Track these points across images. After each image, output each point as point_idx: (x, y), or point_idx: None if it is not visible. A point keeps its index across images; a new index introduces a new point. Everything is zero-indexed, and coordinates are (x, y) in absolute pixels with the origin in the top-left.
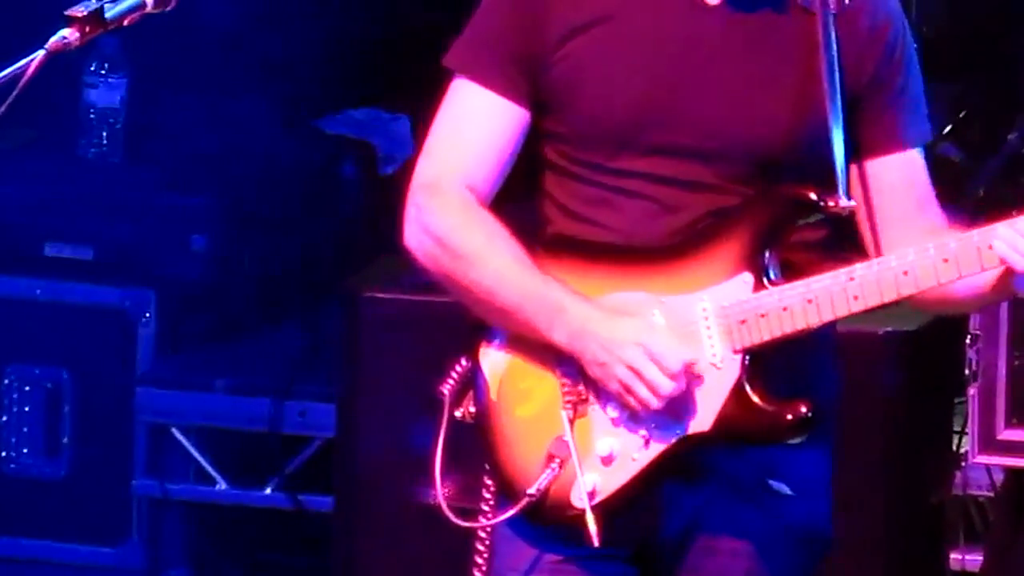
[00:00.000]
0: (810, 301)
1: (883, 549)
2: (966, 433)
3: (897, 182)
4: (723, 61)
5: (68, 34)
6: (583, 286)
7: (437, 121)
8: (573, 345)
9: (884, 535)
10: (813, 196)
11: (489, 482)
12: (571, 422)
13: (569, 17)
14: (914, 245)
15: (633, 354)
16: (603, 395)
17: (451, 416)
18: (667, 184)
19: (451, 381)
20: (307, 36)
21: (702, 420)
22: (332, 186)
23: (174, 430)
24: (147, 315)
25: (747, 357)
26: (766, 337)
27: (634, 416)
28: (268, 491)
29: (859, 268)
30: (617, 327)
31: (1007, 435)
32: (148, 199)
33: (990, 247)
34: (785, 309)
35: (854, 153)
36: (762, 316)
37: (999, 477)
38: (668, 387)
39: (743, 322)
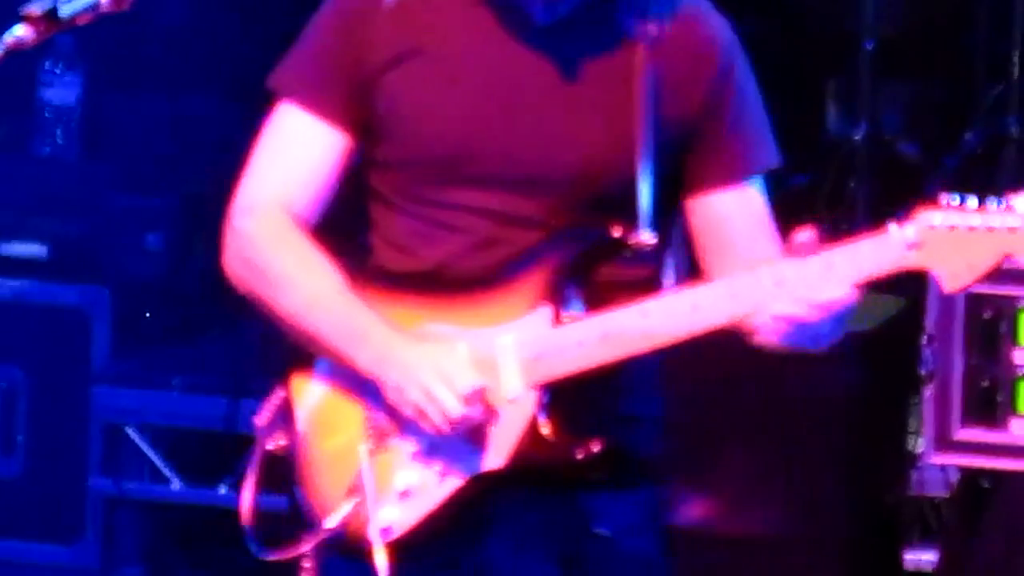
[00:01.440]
0: (605, 336)
1: (839, 549)
2: (921, 433)
3: (735, 214)
4: (542, 92)
5: (23, 32)
6: (398, 317)
7: (260, 144)
8: (375, 370)
9: (840, 535)
10: (616, 233)
11: (294, 515)
12: (371, 455)
13: (390, 46)
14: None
15: (427, 376)
16: (405, 428)
17: (264, 449)
18: (483, 217)
19: (266, 413)
20: (263, 34)
21: (497, 457)
22: None
23: (129, 429)
24: (102, 314)
25: (543, 393)
26: (560, 373)
27: (432, 452)
28: (223, 490)
29: (652, 304)
30: (416, 351)
31: (962, 435)
32: (104, 197)
33: (778, 284)
34: (580, 344)
35: (691, 185)
36: (557, 351)
37: (954, 477)
38: (457, 409)
39: (538, 357)
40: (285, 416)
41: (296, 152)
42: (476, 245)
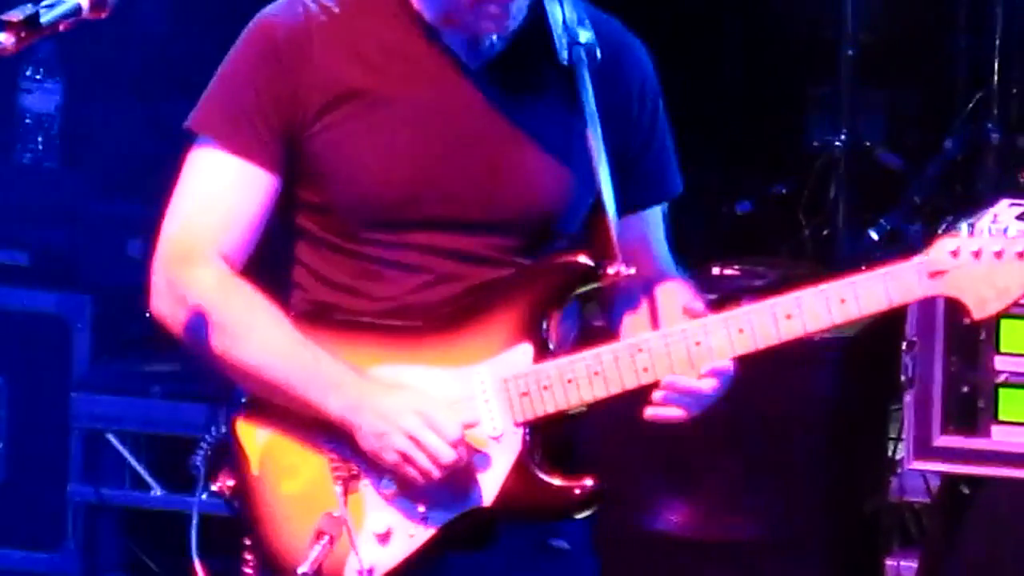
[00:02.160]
0: (596, 373)
1: (819, 556)
2: (902, 440)
3: (644, 236)
4: (485, 131)
5: (3, 39)
6: (351, 357)
7: (184, 186)
8: (348, 418)
9: (820, 542)
10: (588, 262)
11: (249, 557)
12: (343, 496)
13: (329, 87)
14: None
15: (412, 422)
16: (376, 470)
17: (206, 490)
18: (439, 256)
19: (202, 451)
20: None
21: (483, 495)
22: None
23: (110, 436)
24: (83, 321)
25: (529, 430)
26: (550, 410)
27: (411, 492)
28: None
29: (650, 339)
30: (394, 397)
31: (943, 442)
32: (84, 204)
33: (788, 317)
34: (570, 381)
35: (621, 206)
36: (545, 388)
37: (935, 484)
38: (448, 455)
39: (524, 394)
40: (230, 457)
41: (226, 196)
42: (432, 283)
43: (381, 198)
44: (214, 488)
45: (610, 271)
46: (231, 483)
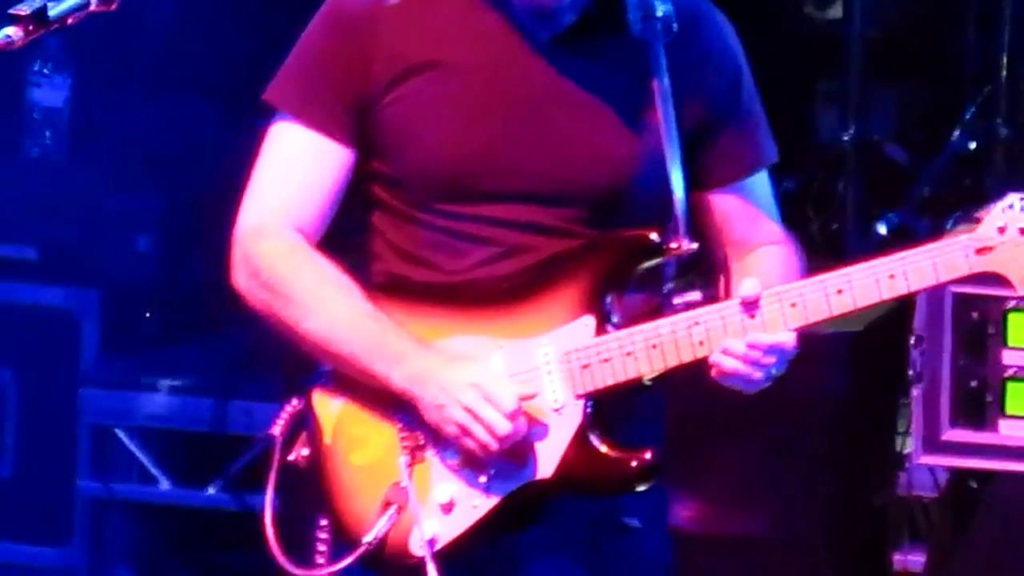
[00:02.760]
0: (655, 347)
1: (826, 550)
2: (910, 434)
3: (743, 207)
4: (557, 102)
5: (11, 33)
6: (421, 329)
7: (261, 161)
8: (411, 391)
9: (827, 536)
10: (654, 238)
11: (324, 523)
12: (409, 467)
13: (400, 60)
14: (753, 263)
15: (469, 396)
16: (442, 442)
17: (283, 460)
18: (508, 228)
19: (281, 423)
20: (252, 35)
21: (544, 467)
22: None
23: (118, 430)
24: (91, 315)
25: (589, 403)
26: (609, 382)
27: (474, 463)
28: (212, 491)
29: (704, 313)
30: (455, 370)
31: (951, 436)
32: (93, 199)
33: (838, 292)
34: (629, 354)
35: (701, 182)
36: (605, 361)
37: (943, 478)
38: (505, 427)
39: (585, 367)
40: (305, 427)
41: (300, 170)
42: (501, 255)
43: (450, 169)
44: (289, 458)
45: (672, 246)
46: (305, 453)
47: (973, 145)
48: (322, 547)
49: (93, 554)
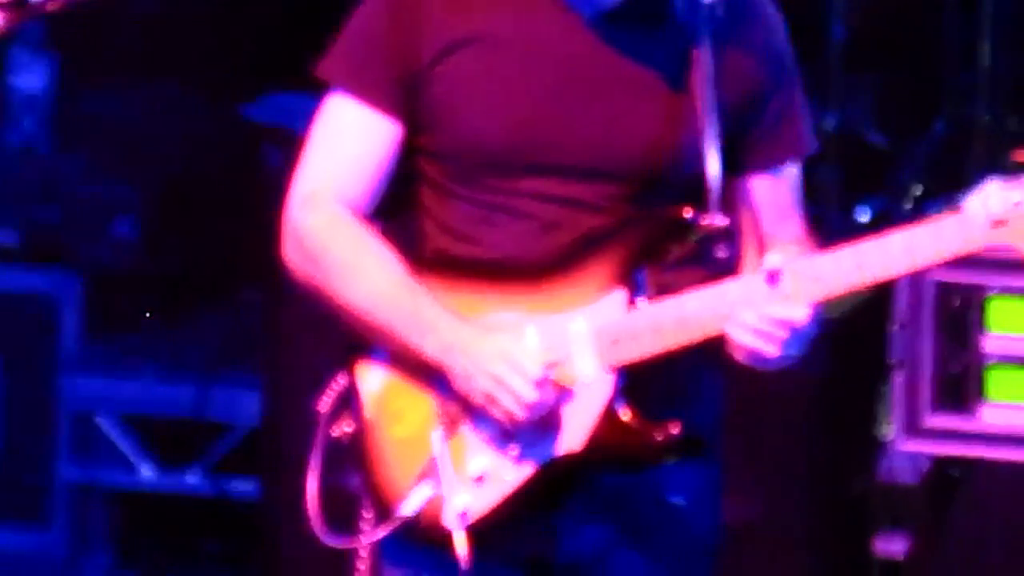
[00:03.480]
0: (682, 319)
1: (807, 537)
2: (891, 421)
3: (773, 198)
4: (601, 79)
5: None
6: (460, 305)
7: (313, 134)
8: (442, 359)
9: (808, 523)
10: (687, 215)
11: (367, 501)
12: (444, 442)
13: (446, 34)
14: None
15: (495, 365)
16: (476, 415)
17: (327, 435)
18: (549, 203)
19: (327, 399)
20: (233, 21)
21: (573, 440)
22: (257, 172)
23: (99, 416)
24: (72, 301)
25: (619, 376)
26: (637, 356)
27: (506, 436)
28: (193, 478)
29: (732, 286)
30: (485, 342)
31: (932, 422)
32: (74, 185)
33: (859, 266)
34: (657, 328)
35: (739, 167)
36: (634, 335)
37: (924, 465)
38: (531, 395)
39: (615, 341)
40: (349, 402)
41: (350, 142)
42: (540, 230)
43: (494, 142)
44: (333, 434)
45: (703, 223)
46: (349, 428)
47: (954, 131)
48: (366, 519)
49: (74, 540)
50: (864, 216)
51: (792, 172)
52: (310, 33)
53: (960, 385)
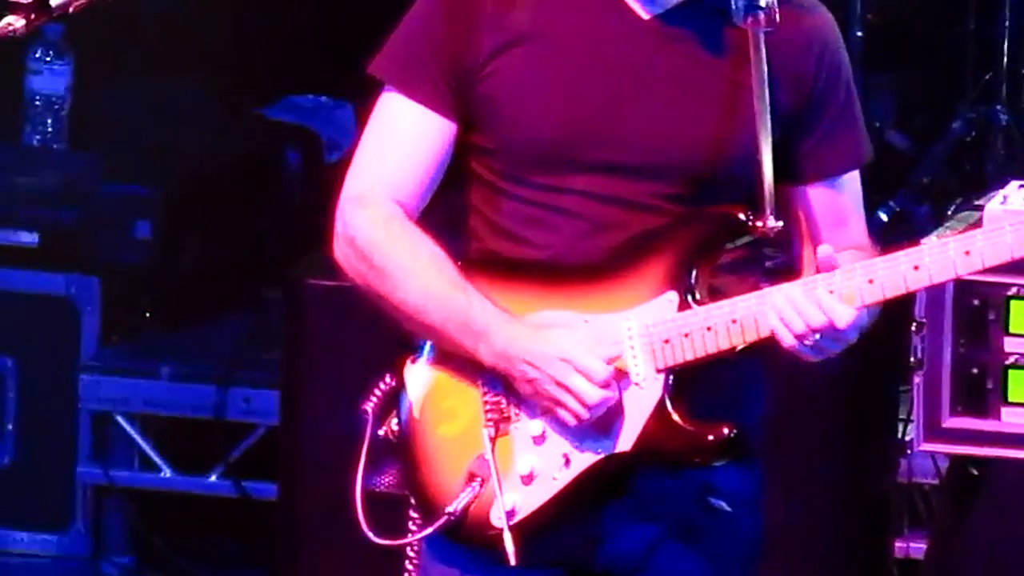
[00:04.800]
0: (734, 321)
1: (828, 536)
2: (911, 421)
3: (832, 207)
4: (656, 78)
5: (13, 21)
6: (513, 306)
7: (366, 133)
8: (499, 364)
9: (829, 523)
10: (742, 216)
11: (414, 501)
12: (492, 440)
13: (500, 33)
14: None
15: (560, 368)
16: (526, 412)
17: (374, 435)
18: (599, 202)
19: (374, 399)
20: (251, 23)
21: (624, 440)
22: (276, 173)
23: (118, 417)
24: (92, 302)
25: (670, 377)
26: (689, 357)
27: (557, 435)
28: (212, 478)
29: (786, 288)
30: (541, 342)
31: (952, 423)
32: (93, 186)
33: (916, 268)
34: (709, 329)
35: (794, 175)
36: (686, 336)
37: (944, 465)
38: (596, 396)
39: (667, 342)
40: (396, 403)
41: (402, 142)
42: (592, 230)
43: (546, 138)
44: (380, 433)
45: (758, 224)
46: (396, 428)
47: (973, 131)
48: (414, 519)
49: (93, 541)
50: (883, 216)
51: (851, 179)
52: (329, 35)
53: (980, 386)
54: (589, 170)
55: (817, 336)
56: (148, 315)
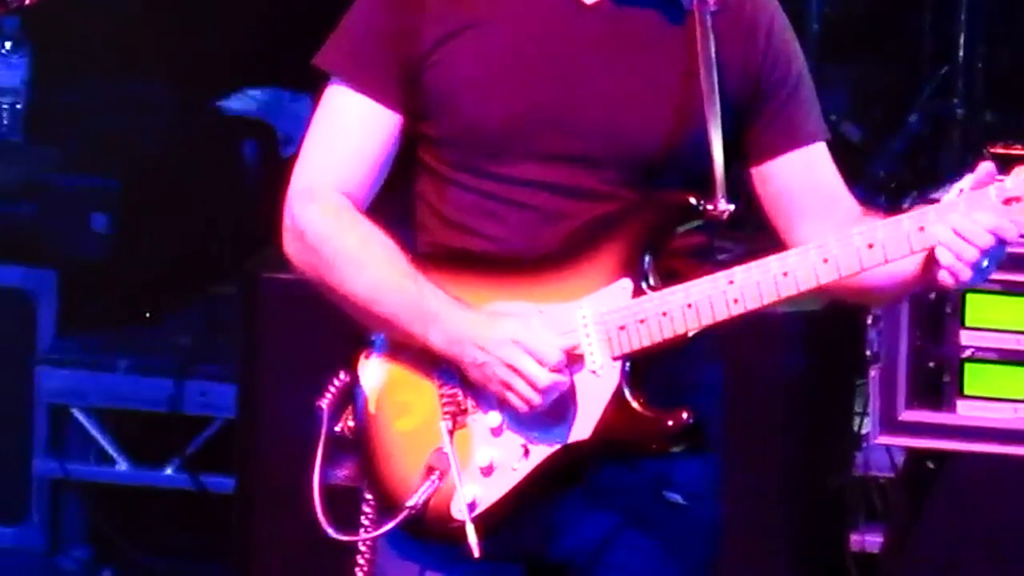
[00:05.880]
0: (689, 306)
1: (783, 531)
2: (867, 414)
3: (804, 179)
4: (603, 63)
5: None
6: (464, 297)
7: (312, 126)
8: (451, 350)
9: (784, 517)
10: (693, 200)
11: (368, 497)
12: (450, 433)
13: (443, 21)
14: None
15: (510, 351)
16: (483, 404)
17: (330, 431)
18: (549, 191)
19: (329, 395)
20: (208, 16)
21: (582, 428)
22: (232, 167)
23: (75, 410)
24: (48, 295)
25: (627, 364)
26: (646, 343)
27: (515, 426)
28: (169, 471)
29: (738, 271)
30: (493, 328)
31: (908, 416)
32: (49, 179)
33: (870, 246)
34: (664, 314)
35: (756, 155)
36: (641, 322)
37: (900, 458)
38: (546, 379)
39: (622, 328)
40: (352, 399)
41: (349, 134)
42: (542, 220)
43: (493, 125)
44: (336, 430)
45: (709, 208)
46: (352, 423)
47: (929, 125)
48: (367, 514)
49: (50, 534)
50: None
51: (822, 155)
52: (285, 28)
53: (937, 379)
54: (539, 159)
55: (985, 261)
56: (114, 312)
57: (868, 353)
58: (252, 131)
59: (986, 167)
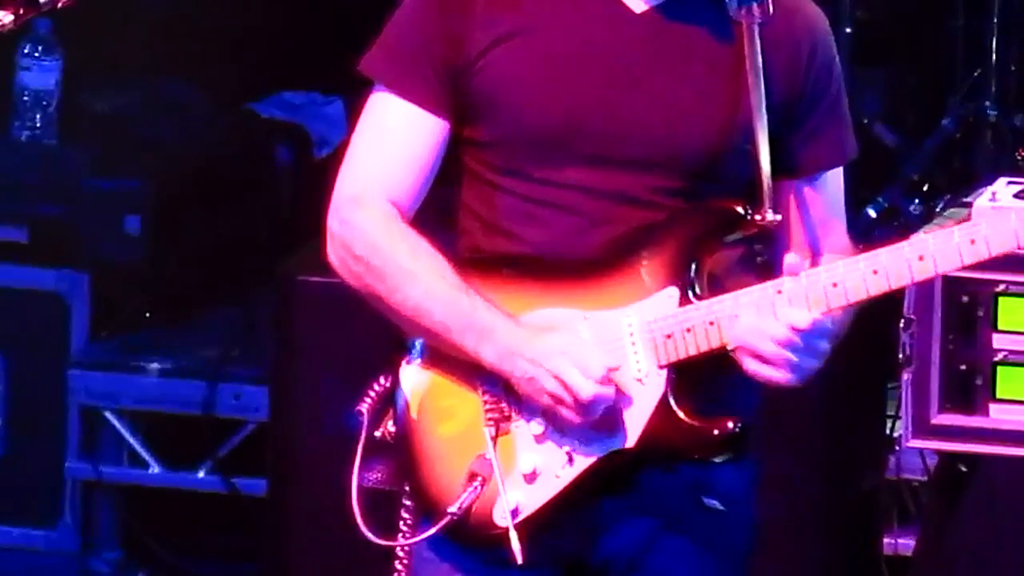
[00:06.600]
0: (737, 316)
1: (816, 534)
2: (900, 418)
3: (816, 205)
4: (650, 71)
5: (2, 16)
6: (507, 303)
7: (357, 133)
8: (502, 365)
9: (817, 520)
10: (740, 210)
11: (407, 502)
12: (494, 440)
13: (492, 26)
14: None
15: (558, 363)
16: (527, 412)
17: (370, 436)
18: (594, 197)
19: (369, 400)
20: (241, 19)
21: (627, 436)
22: (266, 169)
23: (107, 413)
24: (81, 298)
25: (673, 372)
26: (692, 352)
27: (559, 433)
28: (201, 474)
29: (787, 281)
30: (543, 342)
31: (940, 420)
32: (82, 181)
33: (920, 258)
34: (712, 323)
35: (789, 168)
36: (688, 331)
37: (932, 461)
38: (590, 390)
39: (669, 337)
40: (392, 404)
41: (396, 141)
42: (588, 225)
43: (539, 128)
44: (376, 435)
45: (756, 218)
46: (392, 428)
47: (962, 128)
48: (405, 519)
49: (82, 536)
50: (872, 212)
51: (834, 177)
52: (318, 30)
53: (969, 382)
54: (585, 163)
55: (787, 353)
56: (148, 315)
57: (900, 357)
58: (286, 133)
59: (791, 259)
